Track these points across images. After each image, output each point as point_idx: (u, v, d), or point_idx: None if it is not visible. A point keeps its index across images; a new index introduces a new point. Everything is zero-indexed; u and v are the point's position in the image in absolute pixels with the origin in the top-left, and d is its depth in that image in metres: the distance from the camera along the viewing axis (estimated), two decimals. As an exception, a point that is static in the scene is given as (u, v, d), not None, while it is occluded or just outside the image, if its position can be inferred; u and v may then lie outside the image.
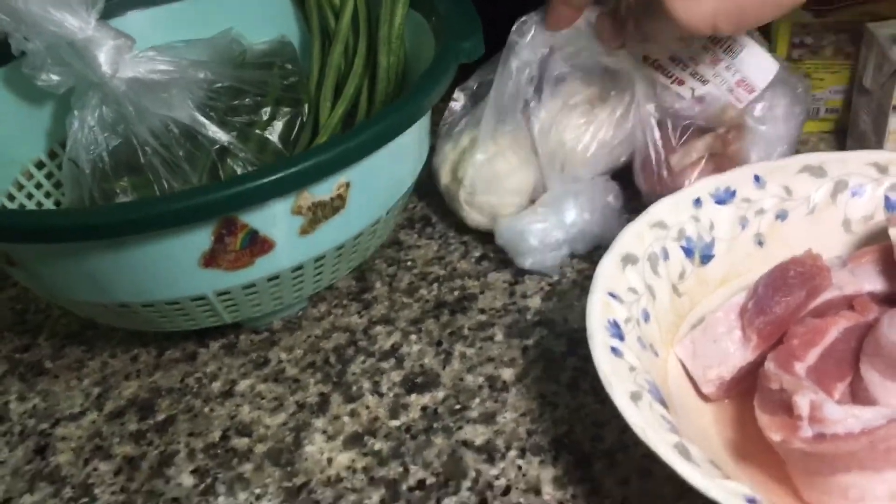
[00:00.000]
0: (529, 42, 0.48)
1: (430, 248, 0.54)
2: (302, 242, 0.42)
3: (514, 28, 0.48)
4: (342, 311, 0.50)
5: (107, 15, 0.51)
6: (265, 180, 0.37)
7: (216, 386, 0.46)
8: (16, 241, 0.38)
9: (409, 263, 0.53)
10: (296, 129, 0.56)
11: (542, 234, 0.49)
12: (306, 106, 0.57)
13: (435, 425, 0.42)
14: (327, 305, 0.51)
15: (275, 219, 0.40)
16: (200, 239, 0.39)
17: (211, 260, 0.40)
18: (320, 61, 0.56)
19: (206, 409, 0.45)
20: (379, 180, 0.44)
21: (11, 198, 0.52)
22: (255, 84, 0.55)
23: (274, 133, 0.56)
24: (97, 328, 0.51)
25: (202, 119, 0.52)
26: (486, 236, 0.54)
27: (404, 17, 0.51)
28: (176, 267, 0.40)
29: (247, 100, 0.55)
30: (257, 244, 0.40)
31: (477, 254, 0.53)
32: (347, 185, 0.41)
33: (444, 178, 0.53)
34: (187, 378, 0.47)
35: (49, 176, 0.55)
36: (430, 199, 0.57)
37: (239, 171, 0.52)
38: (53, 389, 0.48)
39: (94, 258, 0.39)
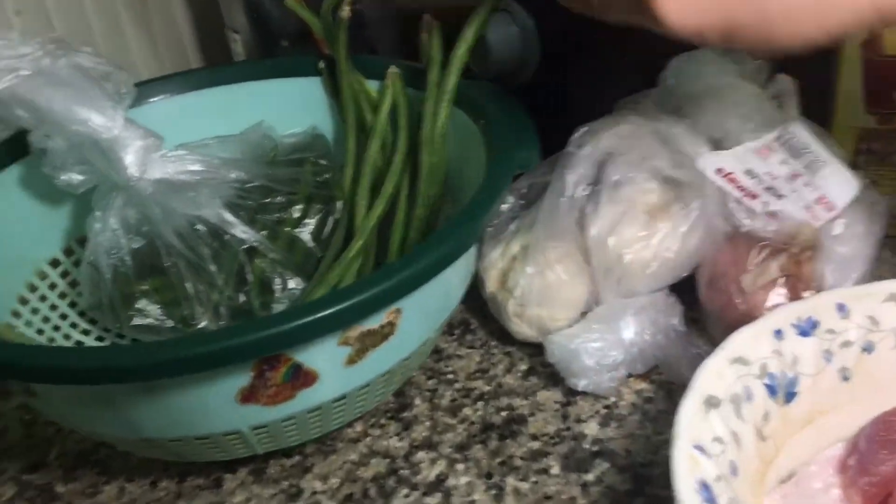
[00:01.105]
0: (587, 154, 0.45)
1: (471, 358, 0.51)
2: (347, 372, 0.38)
3: (572, 138, 0.45)
4: (380, 431, 0.46)
5: (134, 102, 0.48)
6: (316, 316, 0.34)
7: (245, 521, 0.42)
8: (38, 380, 0.34)
9: (450, 377, 0.50)
10: (328, 226, 0.53)
11: (598, 355, 0.45)
12: (339, 203, 0.54)
13: (491, 579, 0.38)
14: (363, 425, 0.47)
15: (321, 352, 0.36)
16: (240, 376, 0.35)
17: (249, 396, 0.37)
18: (355, 156, 0.53)
19: (235, 550, 0.41)
20: (431, 302, 0.40)
21: (24, 301, 0.48)
22: (287, 181, 0.52)
23: (305, 231, 0.53)
24: (112, 447, 0.47)
25: (231, 219, 0.49)
26: (530, 346, 0.50)
27: (448, 117, 0.48)
28: (211, 405, 0.36)
29: (278, 197, 0.52)
30: (300, 377, 0.37)
31: (523, 367, 0.50)
32: (398, 311, 0.38)
33: (491, 285, 0.49)
34: (212, 510, 0.43)
35: (64, 275, 0.51)
36: (470, 302, 0.53)
37: (267, 270, 0.49)
38: (65, 520, 0.44)
39: (123, 397, 0.36)
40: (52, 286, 0.50)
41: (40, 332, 0.48)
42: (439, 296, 0.41)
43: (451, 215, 0.46)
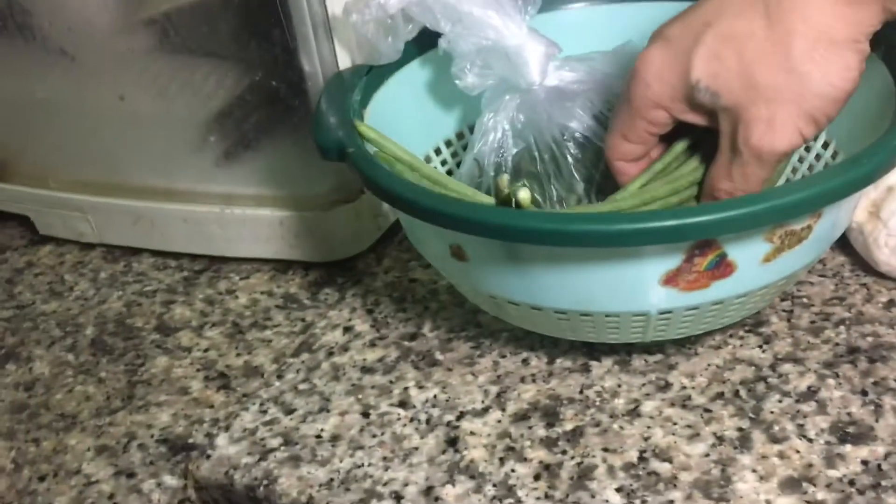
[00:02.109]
0: None
1: (824, 286, 0.51)
2: (760, 270, 0.40)
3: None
4: (740, 342, 0.48)
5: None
6: (764, 206, 0.36)
7: (619, 403, 0.46)
8: (528, 240, 0.38)
9: (804, 300, 0.51)
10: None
11: None
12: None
13: (884, 483, 0.39)
14: (721, 335, 0.49)
15: (748, 244, 0.38)
16: (673, 257, 0.38)
17: (672, 279, 0.39)
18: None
19: (616, 426, 0.44)
20: (842, 214, 0.41)
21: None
22: None
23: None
24: (480, 325, 0.52)
25: (597, 130, 0.52)
26: (887, 279, 0.50)
27: None
28: (637, 282, 0.40)
29: None
30: (721, 267, 0.39)
31: (883, 299, 0.50)
32: (819, 216, 0.39)
33: (860, 214, 0.50)
34: (586, 390, 0.47)
35: (453, 155, 0.56)
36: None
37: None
38: (451, 382, 0.49)
39: (556, 264, 0.40)
40: (443, 162, 0.56)
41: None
42: (848, 209, 0.42)
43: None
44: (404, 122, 0.54)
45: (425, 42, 0.52)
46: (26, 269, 0.63)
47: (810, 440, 0.42)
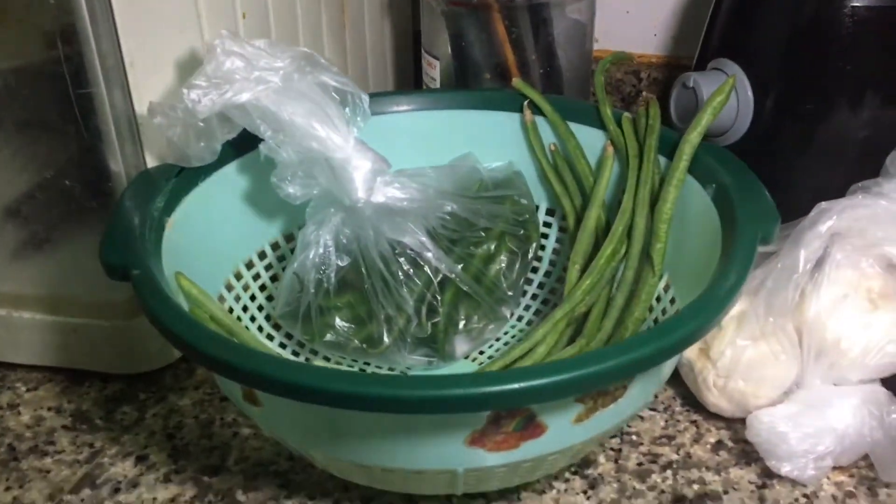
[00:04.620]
0: (821, 232, 0.43)
1: (654, 422, 0.49)
2: (573, 430, 0.37)
3: (809, 215, 0.43)
4: (565, 486, 0.45)
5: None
6: (581, 373, 0.33)
7: (431, 560, 0.42)
8: (291, 396, 0.34)
9: (633, 437, 0.48)
10: (517, 266, 0.52)
11: (809, 441, 0.43)
12: (534, 245, 0.53)
13: None
14: (547, 478, 0.46)
15: (558, 407, 0.36)
16: (477, 420, 0.35)
17: (478, 440, 0.36)
18: (575, 214, 0.52)
19: (423, 590, 0.40)
20: (660, 371, 0.39)
21: (230, 287, 0.49)
22: (487, 217, 0.51)
23: (494, 267, 0.52)
24: (292, 458, 0.47)
25: (431, 247, 0.49)
26: (717, 418, 0.49)
27: (675, 202, 0.46)
28: (441, 443, 0.36)
29: (476, 231, 0.51)
30: (529, 429, 0.36)
31: (712, 440, 0.48)
32: (633, 378, 0.37)
33: (690, 351, 0.48)
34: (397, 543, 0.43)
35: (268, 267, 0.52)
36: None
37: (455, 302, 0.49)
38: (249, 530, 0.44)
39: (357, 423, 0.36)
40: (256, 276, 0.51)
41: (238, 319, 0.48)
42: (666, 368, 0.40)
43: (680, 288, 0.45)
44: (221, 227, 0.49)
45: (247, 142, 0.47)
46: None
47: None
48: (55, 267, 0.51)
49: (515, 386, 0.32)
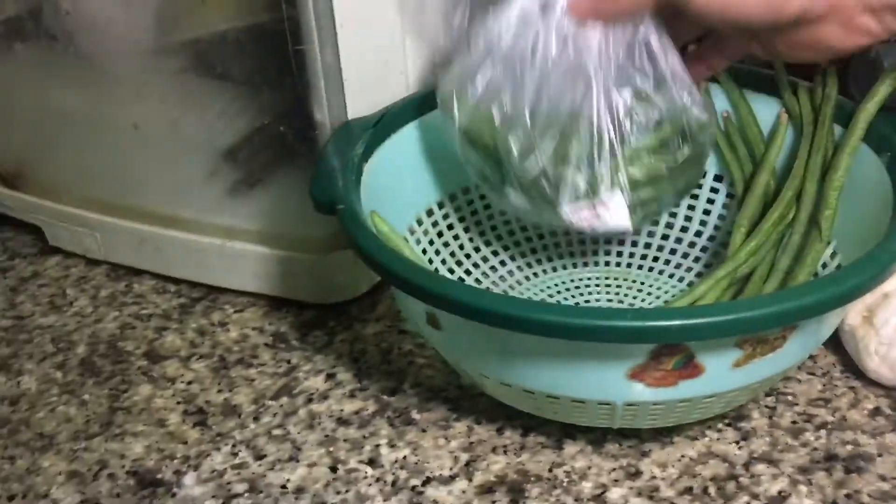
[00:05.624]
0: None
1: (812, 385, 0.51)
2: (731, 374, 0.40)
3: None
4: (717, 435, 0.48)
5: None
6: (734, 317, 0.35)
7: (587, 487, 0.45)
8: (484, 320, 0.38)
9: (789, 398, 0.50)
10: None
11: (972, 412, 0.43)
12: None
13: None
14: (700, 426, 0.48)
15: (717, 349, 0.38)
16: (639, 354, 0.38)
17: (639, 374, 0.39)
18: (743, 181, 0.54)
19: (577, 511, 0.44)
20: (819, 328, 0.41)
21: (412, 231, 0.54)
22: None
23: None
24: (462, 387, 0.52)
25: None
26: (877, 385, 0.49)
27: (847, 169, 0.47)
28: (604, 373, 0.39)
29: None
30: (688, 368, 0.39)
31: (869, 406, 0.49)
32: (794, 328, 0.39)
33: (853, 317, 0.49)
34: (556, 469, 0.46)
35: (445, 216, 0.57)
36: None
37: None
38: (422, 444, 0.49)
39: (527, 348, 0.39)
40: (434, 224, 0.56)
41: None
42: (826, 324, 0.41)
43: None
44: (406, 176, 0.54)
45: (427, 104, 0.52)
46: (31, 279, 0.65)
47: (770, 550, 0.41)
48: (265, 204, 0.58)
49: (676, 322, 0.35)
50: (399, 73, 0.54)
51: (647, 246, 0.58)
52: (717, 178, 0.57)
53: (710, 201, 0.57)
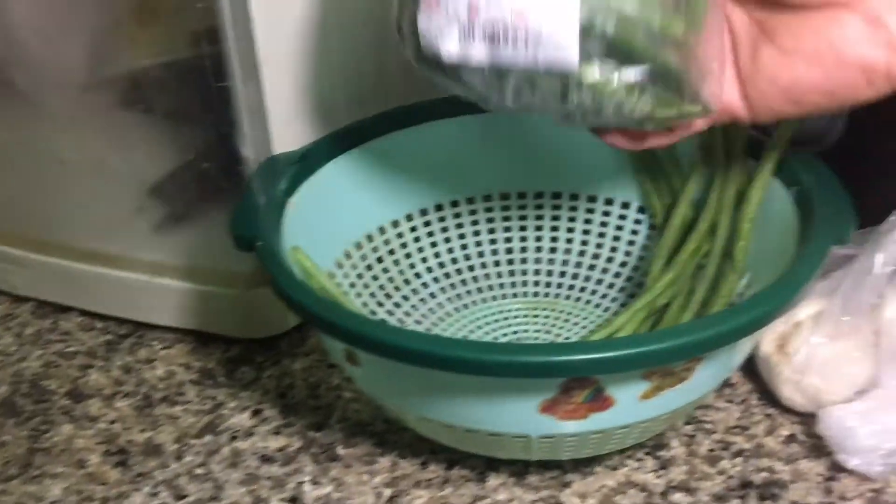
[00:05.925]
0: (901, 235, 0.45)
1: (730, 412, 0.52)
2: (640, 406, 0.40)
3: (889, 219, 0.45)
4: (637, 464, 0.48)
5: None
6: (642, 350, 0.36)
7: (507, 519, 0.46)
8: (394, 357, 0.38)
9: (708, 426, 0.51)
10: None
11: (879, 437, 0.45)
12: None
13: None
14: (621, 456, 0.49)
15: (624, 381, 0.39)
16: (550, 388, 0.39)
17: (550, 407, 0.40)
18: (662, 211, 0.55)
19: (497, 544, 0.44)
20: (729, 357, 0.42)
21: (340, 265, 0.54)
22: None
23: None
24: (388, 421, 0.52)
25: None
26: (793, 413, 0.51)
27: (760, 202, 0.49)
28: (516, 407, 0.40)
29: None
30: (598, 401, 0.39)
31: (784, 433, 0.50)
32: (701, 359, 0.40)
33: (767, 346, 0.50)
34: (478, 502, 0.47)
35: (374, 250, 0.56)
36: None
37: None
38: (346, 480, 0.49)
39: (441, 383, 0.40)
40: (363, 257, 0.56)
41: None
42: (733, 355, 0.42)
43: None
44: (333, 210, 0.54)
45: (356, 138, 0.53)
46: (-46, 317, 0.64)
47: (684, 579, 0.42)
48: (192, 240, 0.58)
49: (579, 357, 0.35)
50: (324, 108, 0.55)
51: (575, 276, 0.59)
52: (641, 210, 0.58)
53: (635, 232, 0.58)
